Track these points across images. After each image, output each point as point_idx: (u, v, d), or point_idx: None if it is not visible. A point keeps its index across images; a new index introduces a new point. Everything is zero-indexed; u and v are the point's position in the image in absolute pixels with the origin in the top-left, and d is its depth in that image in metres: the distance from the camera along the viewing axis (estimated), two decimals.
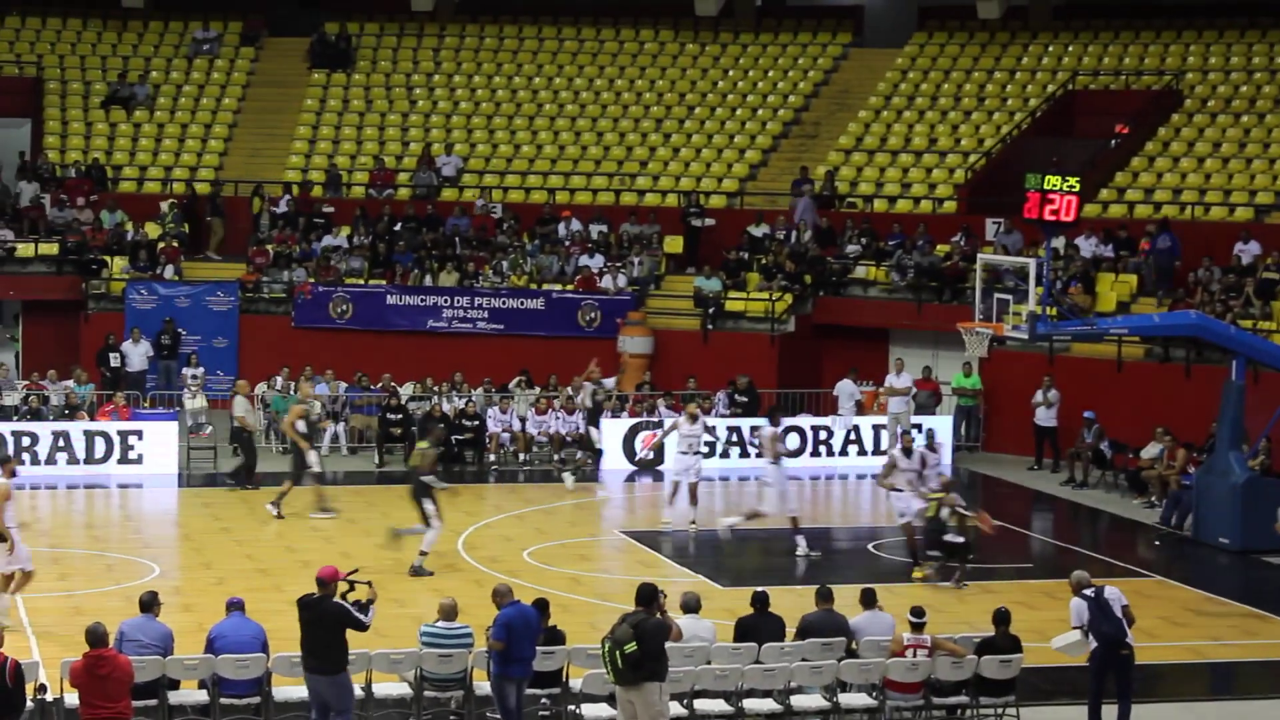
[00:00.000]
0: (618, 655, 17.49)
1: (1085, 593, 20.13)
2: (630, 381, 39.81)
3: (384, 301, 42.08)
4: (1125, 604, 20.14)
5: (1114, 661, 20.03)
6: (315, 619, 18.34)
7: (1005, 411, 38.36)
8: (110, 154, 47.59)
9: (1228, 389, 31.01)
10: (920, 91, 47.80)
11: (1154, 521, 32.41)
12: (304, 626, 18.41)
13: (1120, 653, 20.00)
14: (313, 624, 18.35)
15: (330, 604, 18.41)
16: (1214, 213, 40.90)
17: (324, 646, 18.29)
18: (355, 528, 30.66)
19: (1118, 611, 20.02)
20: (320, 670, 18.32)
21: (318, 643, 18.33)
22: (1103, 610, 19.97)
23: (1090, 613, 20.01)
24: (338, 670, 18.36)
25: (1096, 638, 20.02)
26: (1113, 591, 20.18)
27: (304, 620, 18.41)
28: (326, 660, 18.30)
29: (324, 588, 18.48)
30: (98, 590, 25.69)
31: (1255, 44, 46.04)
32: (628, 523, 32.26)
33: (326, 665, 18.30)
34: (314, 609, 18.40)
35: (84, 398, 37.06)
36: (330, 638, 18.30)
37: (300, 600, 18.61)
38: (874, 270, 42.02)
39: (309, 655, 18.39)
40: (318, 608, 18.38)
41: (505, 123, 48.67)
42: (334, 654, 18.33)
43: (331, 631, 18.30)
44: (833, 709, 19.78)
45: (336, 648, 18.32)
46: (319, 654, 18.32)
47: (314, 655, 18.34)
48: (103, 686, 17.13)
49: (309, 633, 18.39)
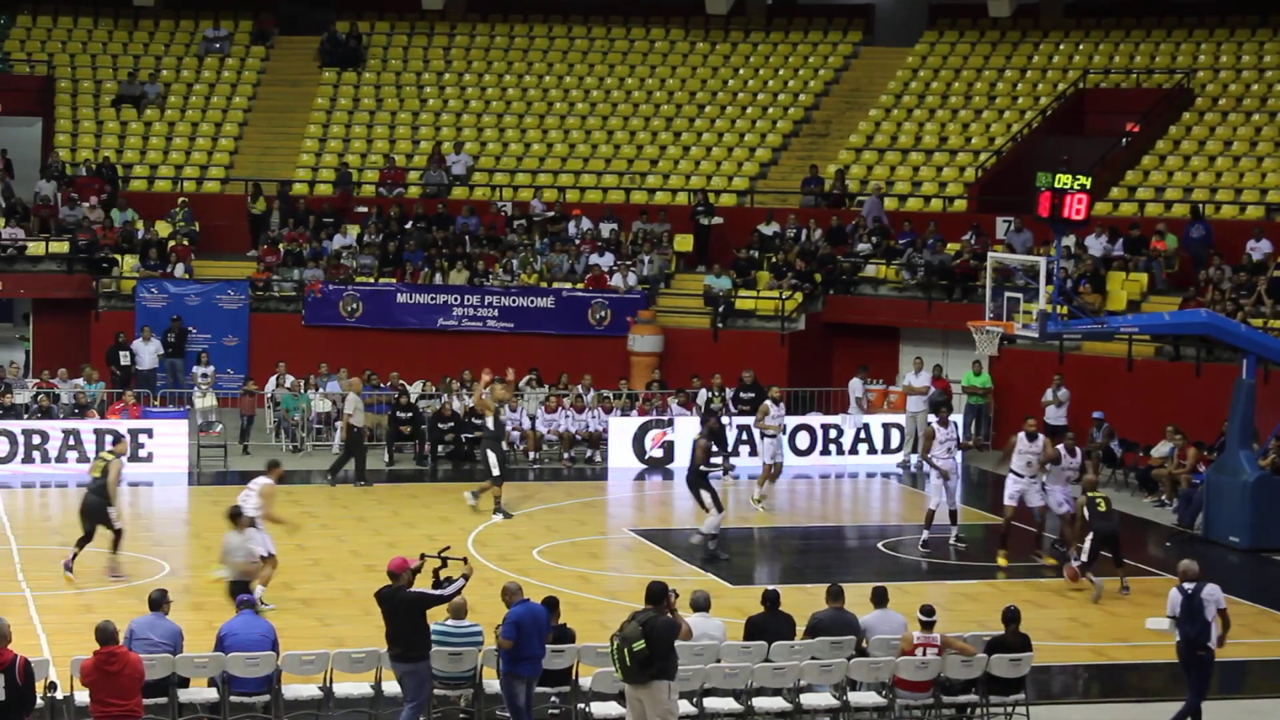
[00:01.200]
0: (626, 653, 17.50)
1: (1184, 586, 20.18)
2: (640, 380, 39.83)
3: (394, 300, 42.08)
4: (1222, 606, 20.13)
5: (1194, 660, 20.11)
6: (394, 610, 18.85)
7: (1015, 410, 38.22)
8: (121, 152, 47.63)
9: (1238, 387, 30.98)
10: (931, 90, 47.78)
11: (1171, 523, 32.31)
12: (386, 618, 18.97)
13: (1198, 653, 20.06)
14: (393, 615, 18.87)
15: (405, 593, 18.87)
16: (1225, 211, 40.86)
17: (405, 635, 18.79)
18: (364, 526, 30.68)
19: (1209, 613, 20.02)
20: (401, 658, 18.84)
21: (399, 632, 18.83)
22: (1192, 608, 20.03)
23: (1181, 608, 20.09)
24: (419, 659, 18.84)
25: (1180, 633, 20.11)
26: (1211, 592, 20.15)
27: (385, 612, 18.96)
28: (407, 648, 18.80)
29: (395, 579, 18.94)
30: (108, 588, 25.71)
31: (1266, 42, 45.98)
32: (637, 521, 32.25)
33: (406, 652, 18.80)
34: (391, 600, 18.89)
35: (94, 396, 37.10)
36: (410, 626, 18.79)
37: (377, 594, 19.09)
38: (884, 269, 42.01)
39: (393, 644, 18.92)
40: (394, 598, 18.86)
41: (515, 121, 48.69)
42: (415, 641, 18.83)
43: (411, 619, 18.79)
44: (842, 707, 19.77)
45: (417, 636, 18.83)
46: (401, 642, 18.83)
47: (396, 644, 18.87)
48: (114, 684, 17.16)
49: (391, 623, 18.92)
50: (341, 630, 23.19)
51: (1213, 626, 20.08)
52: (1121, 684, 22.91)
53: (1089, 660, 23.64)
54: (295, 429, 37.81)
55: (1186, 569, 20.40)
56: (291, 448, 37.40)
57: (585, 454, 37.21)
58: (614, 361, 40.46)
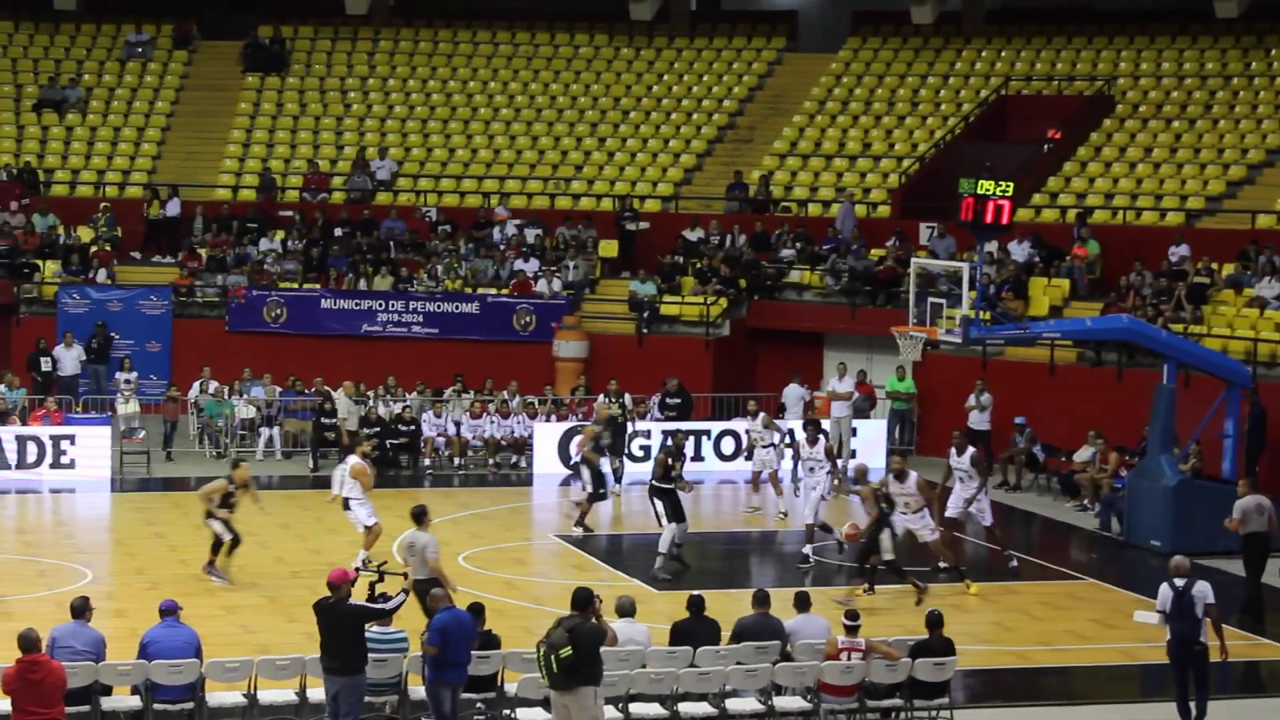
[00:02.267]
0: (553, 660, 17.48)
1: (1175, 582, 20.32)
2: (565, 386, 39.82)
3: (318, 305, 41.95)
4: (1210, 602, 20.26)
5: (1189, 657, 20.31)
6: (334, 622, 18.58)
7: (939, 415, 38.46)
8: (42, 157, 47.32)
9: (1159, 392, 31.20)
10: (854, 96, 47.97)
11: (1093, 527, 32.51)
12: (323, 630, 18.65)
13: (1193, 648, 20.28)
14: (332, 627, 18.58)
15: (347, 605, 18.64)
16: (1145, 217, 41.18)
17: (343, 648, 18.52)
18: (289, 532, 30.58)
19: (1198, 610, 20.16)
20: (338, 671, 18.52)
21: (335, 644, 18.55)
22: (1182, 605, 20.17)
23: (1172, 604, 20.25)
24: (357, 671, 18.58)
25: (1171, 631, 20.30)
26: (1201, 588, 20.26)
27: (323, 624, 18.65)
28: (345, 661, 18.52)
29: (336, 591, 18.68)
30: (30, 596, 25.54)
31: (1186, 50, 46.39)
32: (562, 527, 32.24)
33: (344, 666, 18.52)
34: (331, 612, 18.62)
35: (15, 402, 36.82)
36: (348, 639, 18.54)
37: (316, 605, 18.79)
38: (808, 274, 42.13)
39: (331, 657, 18.59)
40: (334, 611, 18.60)
41: (440, 126, 48.63)
42: (354, 654, 18.57)
43: (350, 632, 18.56)
44: (768, 712, 19.80)
45: (355, 649, 18.57)
46: (339, 655, 18.54)
47: (335, 657, 18.56)
48: (36, 692, 17.00)
49: (328, 636, 18.62)
50: (265, 638, 23.11)
51: (1203, 625, 20.24)
52: (1044, 688, 23.04)
53: (1012, 664, 23.78)
54: (219, 435, 37.64)
55: (1178, 565, 20.55)
56: (215, 454, 37.23)
57: (510, 460, 37.20)
58: (539, 367, 40.44)
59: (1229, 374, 31.33)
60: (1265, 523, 25.97)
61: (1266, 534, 26.10)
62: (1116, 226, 40.64)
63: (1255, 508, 25.94)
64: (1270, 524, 26.05)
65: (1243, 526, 25.90)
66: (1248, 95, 44.15)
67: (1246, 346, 34.66)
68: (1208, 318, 36.51)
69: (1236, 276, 37.44)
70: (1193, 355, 31.76)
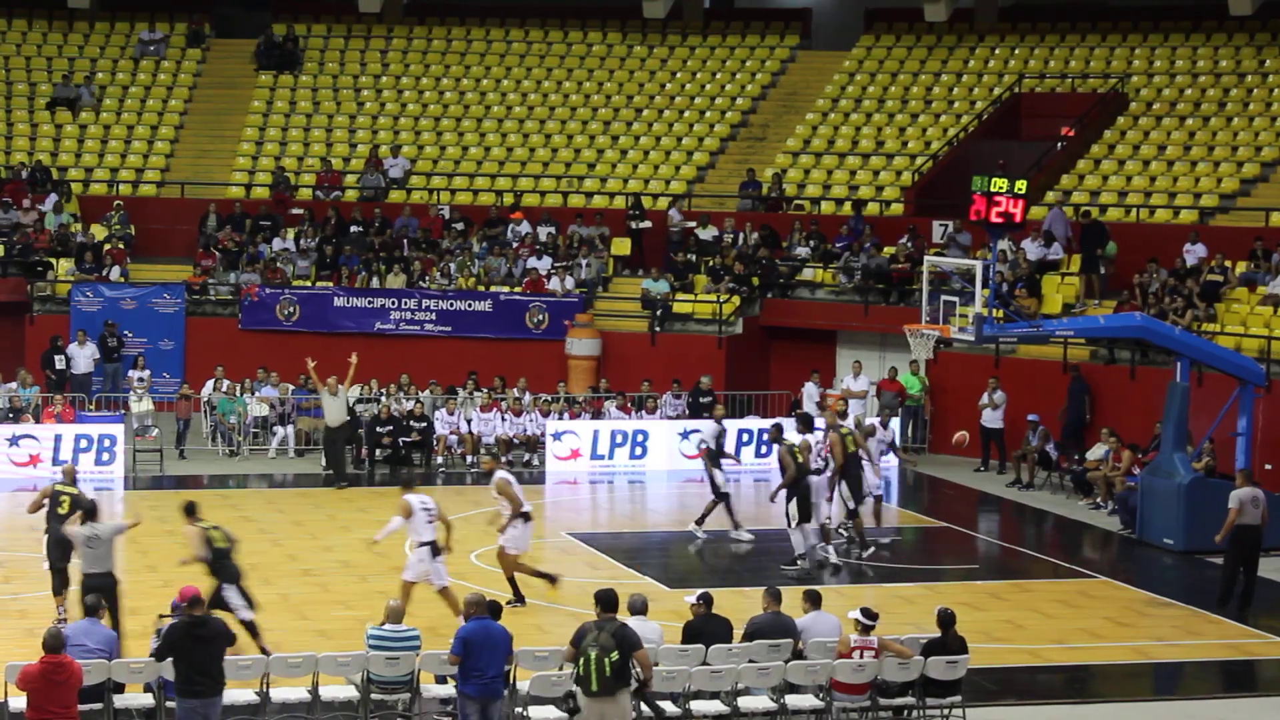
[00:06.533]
0: (607, 664, 17.27)
1: None
2: (578, 384, 39.82)
3: (331, 304, 41.98)
4: None
5: None
6: (204, 639, 17.70)
7: (952, 413, 38.43)
8: (56, 155, 47.38)
9: (1172, 390, 31.16)
10: (867, 94, 47.93)
11: (1115, 528, 32.35)
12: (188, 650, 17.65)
13: None
14: (202, 644, 17.69)
15: (217, 621, 18.08)
16: (1159, 215, 41.11)
17: (209, 667, 17.68)
18: (301, 530, 30.58)
19: None
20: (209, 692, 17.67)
21: (206, 664, 17.67)
22: None
23: None
24: (219, 692, 17.83)
25: None
26: None
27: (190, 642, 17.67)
28: (217, 680, 17.77)
29: (197, 606, 17.98)
30: (43, 594, 25.53)
31: (1200, 47, 46.31)
32: (574, 524, 32.21)
33: (217, 687, 17.77)
34: (203, 627, 17.78)
35: (29, 401, 36.86)
36: (219, 657, 17.84)
37: (177, 625, 17.93)
38: (821, 272, 42.11)
39: (202, 676, 17.58)
40: (205, 626, 17.81)
41: (453, 124, 48.64)
42: (219, 673, 17.81)
43: (221, 649, 17.90)
44: (780, 710, 19.80)
45: (220, 667, 17.82)
46: (209, 673, 17.65)
47: (205, 675, 17.63)
48: (57, 693, 17.02)
49: (197, 655, 17.65)
50: (277, 636, 23.10)
51: None
52: (1057, 685, 23.01)
53: (1024, 662, 23.74)
54: (232, 433, 37.66)
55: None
56: (228, 452, 37.26)
57: (523, 458, 37.17)
58: (552, 365, 40.46)
59: (1242, 372, 31.27)
60: (1258, 515, 26.26)
61: (1258, 526, 26.36)
62: (1129, 224, 40.56)
63: (1250, 499, 26.29)
64: (1263, 517, 26.33)
65: (1240, 517, 26.16)
66: (1261, 92, 44.07)
67: (1260, 344, 34.60)
68: (1221, 315, 36.44)
69: (1250, 274, 37.37)
70: (1206, 353, 31.70)
